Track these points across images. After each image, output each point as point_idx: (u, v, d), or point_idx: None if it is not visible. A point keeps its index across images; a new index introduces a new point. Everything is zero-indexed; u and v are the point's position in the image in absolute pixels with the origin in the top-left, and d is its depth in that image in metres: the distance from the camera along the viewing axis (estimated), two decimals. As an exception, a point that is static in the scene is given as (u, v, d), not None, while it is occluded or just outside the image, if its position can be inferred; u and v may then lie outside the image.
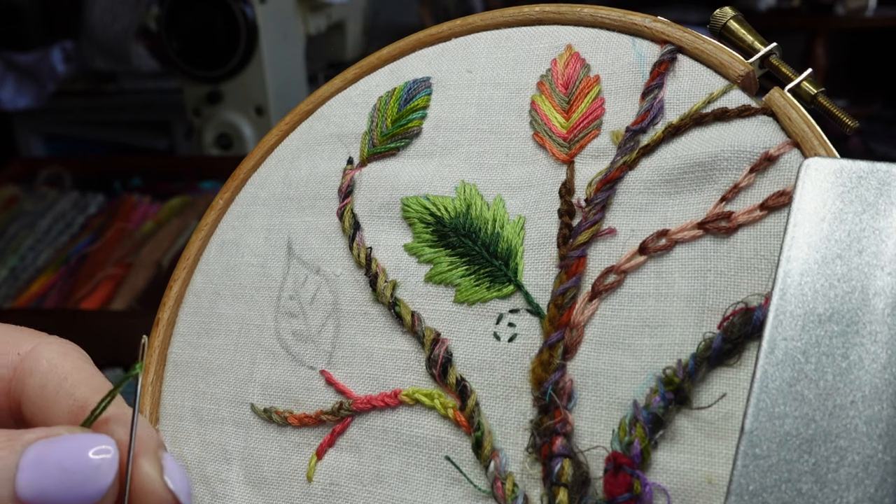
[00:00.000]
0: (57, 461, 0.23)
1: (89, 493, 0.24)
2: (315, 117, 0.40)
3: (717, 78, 0.32)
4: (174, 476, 0.26)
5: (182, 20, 1.28)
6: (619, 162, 0.32)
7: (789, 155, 0.30)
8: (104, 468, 0.24)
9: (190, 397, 0.37)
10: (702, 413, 0.28)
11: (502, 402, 0.31)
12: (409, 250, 0.35)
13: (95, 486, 0.24)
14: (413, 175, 0.36)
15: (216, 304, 0.38)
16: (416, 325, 0.33)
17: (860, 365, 0.24)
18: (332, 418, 0.34)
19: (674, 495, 0.28)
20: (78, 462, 0.24)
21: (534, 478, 0.30)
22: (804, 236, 0.26)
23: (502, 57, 0.36)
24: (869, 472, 0.23)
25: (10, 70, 1.94)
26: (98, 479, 0.24)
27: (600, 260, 0.31)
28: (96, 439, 0.24)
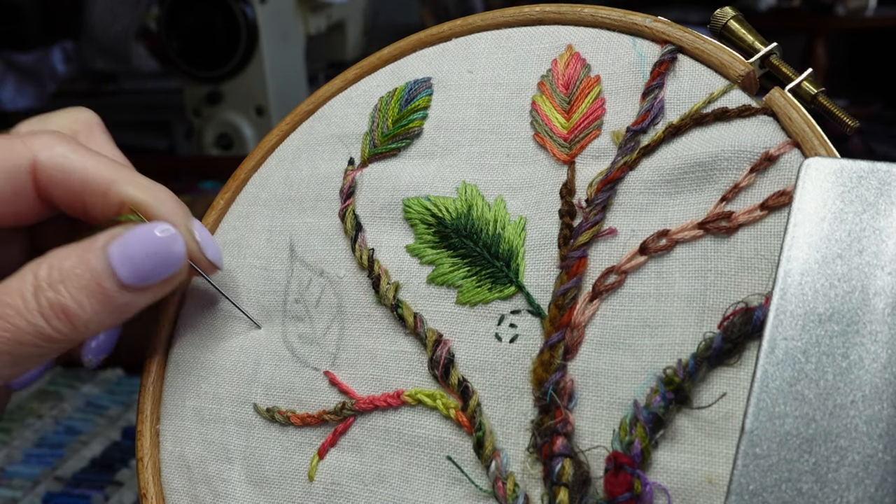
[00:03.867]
0: (139, 250, 0.30)
1: (173, 263, 0.31)
2: (316, 117, 0.40)
3: (718, 78, 0.32)
4: (208, 246, 0.34)
5: (182, 20, 1.28)
6: (619, 162, 0.32)
7: (790, 155, 0.30)
8: (174, 240, 0.31)
9: (192, 397, 0.37)
10: (702, 413, 0.28)
11: (504, 402, 0.31)
12: (411, 251, 0.35)
13: (175, 256, 0.31)
14: (414, 176, 0.36)
15: (218, 305, 0.38)
16: (419, 327, 0.33)
17: (860, 364, 0.24)
18: (334, 418, 0.34)
19: (674, 495, 0.28)
20: (154, 244, 0.30)
21: (535, 477, 0.30)
22: (804, 236, 0.26)
23: (503, 57, 0.36)
24: (869, 472, 0.23)
25: (10, 70, 1.94)
26: (175, 251, 0.31)
27: (601, 260, 0.31)
28: (154, 224, 0.31)
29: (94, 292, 0.29)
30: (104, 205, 0.32)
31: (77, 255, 0.29)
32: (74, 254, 0.29)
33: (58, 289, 0.29)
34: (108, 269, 0.29)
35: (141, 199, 0.32)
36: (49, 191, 0.32)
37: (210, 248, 0.34)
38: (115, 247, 0.29)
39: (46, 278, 0.29)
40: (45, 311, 0.28)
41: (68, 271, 0.29)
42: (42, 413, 0.78)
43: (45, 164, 0.31)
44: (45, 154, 0.31)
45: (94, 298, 0.29)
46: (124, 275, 0.29)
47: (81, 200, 0.32)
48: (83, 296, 0.29)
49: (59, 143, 0.32)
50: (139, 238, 0.30)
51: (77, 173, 0.32)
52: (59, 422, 0.78)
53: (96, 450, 0.74)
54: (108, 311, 0.29)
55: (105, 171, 0.32)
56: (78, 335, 0.29)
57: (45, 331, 0.28)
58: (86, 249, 0.29)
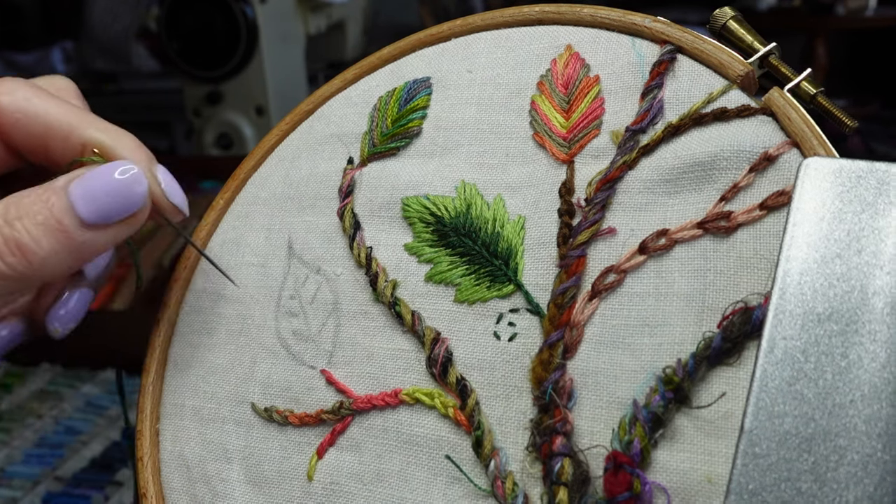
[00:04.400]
0: (100, 187, 0.29)
1: (134, 201, 0.30)
2: (315, 117, 0.40)
3: (717, 78, 0.32)
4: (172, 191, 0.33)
5: (182, 20, 1.28)
6: (618, 162, 0.32)
7: (789, 155, 0.30)
8: (137, 178, 0.30)
9: (190, 396, 0.37)
10: (701, 412, 0.28)
11: (502, 401, 0.31)
12: (409, 250, 0.35)
13: (137, 195, 0.30)
14: (413, 175, 0.36)
15: (217, 304, 0.38)
16: (417, 325, 0.33)
17: (859, 364, 0.24)
18: (332, 417, 0.34)
19: (674, 494, 0.28)
20: (116, 182, 0.30)
21: (534, 477, 0.30)
22: (803, 236, 0.26)
23: (502, 57, 0.36)
24: (868, 471, 0.23)
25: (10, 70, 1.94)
26: (136, 189, 0.30)
27: (600, 259, 0.31)
28: (117, 163, 0.30)
29: (52, 229, 0.28)
30: (66, 148, 0.32)
31: (36, 193, 0.29)
32: (34, 192, 0.29)
33: (14, 224, 0.28)
34: (67, 206, 0.29)
35: (103, 140, 0.31)
36: (11, 135, 0.32)
37: (174, 192, 0.33)
38: (76, 185, 0.29)
39: (3, 215, 0.28)
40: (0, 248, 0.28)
41: (26, 207, 0.28)
42: (42, 413, 0.78)
43: (7, 107, 0.31)
44: (6, 98, 0.31)
45: (52, 235, 0.28)
46: (84, 212, 0.29)
47: (44, 144, 0.32)
48: (40, 232, 0.28)
49: (21, 88, 0.32)
50: (101, 176, 0.29)
51: (39, 116, 0.31)
52: (59, 422, 0.78)
53: (96, 450, 0.74)
54: (66, 250, 0.29)
55: (68, 115, 0.32)
56: (35, 274, 0.29)
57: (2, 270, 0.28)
58: (46, 188, 0.29)
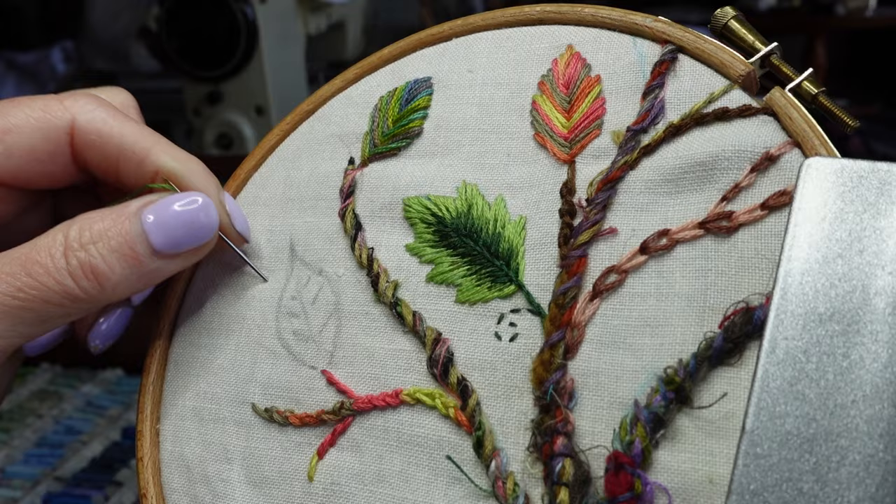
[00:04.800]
0: (173, 217, 0.30)
1: (206, 232, 0.31)
2: (316, 117, 0.40)
3: (718, 78, 0.32)
4: (237, 218, 0.35)
5: (182, 20, 1.28)
6: (620, 162, 0.32)
7: (790, 154, 0.30)
8: (207, 210, 0.31)
9: (191, 397, 0.37)
10: (703, 412, 0.28)
11: (503, 401, 0.31)
12: (410, 250, 0.35)
13: (208, 225, 0.32)
14: (414, 175, 0.36)
15: (217, 304, 0.38)
16: (418, 325, 0.33)
17: (861, 364, 0.24)
18: (333, 418, 0.34)
19: (675, 494, 0.28)
20: (188, 212, 0.31)
21: (535, 477, 0.30)
22: (805, 236, 0.26)
23: (503, 57, 0.36)
24: (870, 472, 0.23)
25: (10, 70, 1.94)
26: (208, 220, 0.31)
27: (601, 259, 0.31)
28: (190, 193, 0.31)
29: (126, 255, 0.29)
30: (138, 173, 0.32)
31: (111, 218, 0.30)
32: (108, 217, 0.30)
33: (89, 249, 0.29)
34: (141, 234, 0.30)
35: (175, 168, 0.32)
36: (85, 154, 0.32)
37: (239, 220, 0.35)
38: (150, 212, 0.30)
39: (77, 238, 0.29)
40: (75, 271, 0.29)
41: (100, 233, 0.29)
42: (42, 413, 0.78)
43: (84, 127, 0.32)
44: (84, 117, 0.32)
45: (125, 261, 0.29)
46: (156, 240, 0.30)
47: (116, 166, 0.32)
48: (114, 258, 0.29)
49: (99, 108, 0.32)
50: (173, 206, 0.30)
51: (114, 138, 0.32)
52: (59, 422, 0.78)
53: (96, 450, 0.74)
54: (137, 276, 0.30)
55: (142, 139, 0.32)
56: (104, 297, 0.30)
57: (73, 291, 0.29)
58: (119, 213, 0.30)
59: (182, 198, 0.31)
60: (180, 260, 0.31)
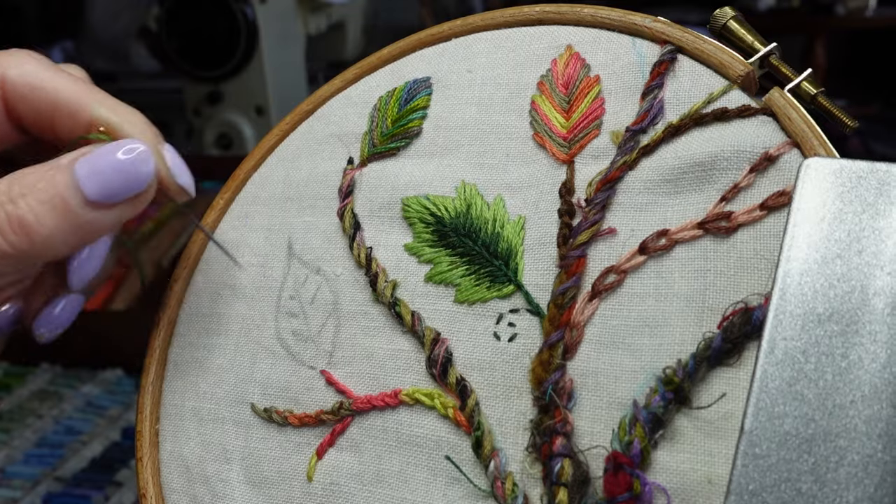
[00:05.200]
0: (106, 165, 0.29)
1: (141, 180, 0.29)
2: (315, 117, 0.40)
3: (717, 78, 0.32)
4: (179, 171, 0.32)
5: (182, 20, 1.28)
6: (619, 162, 0.32)
7: (789, 155, 0.30)
8: (144, 158, 0.29)
9: (190, 397, 0.37)
10: (701, 413, 0.28)
11: (502, 401, 0.31)
12: (409, 250, 0.35)
13: (144, 174, 0.29)
14: (413, 175, 0.36)
15: (217, 304, 0.38)
16: (416, 325, 0.33)
17: (860, 364, 0.24)
18: (332, 418, 0.34)
19: (674, 495, 0.28)
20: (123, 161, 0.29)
21: (534, 477, 0.30)
22: (804, 236, 0.26)
23: (502, 57, 0.36)
24: (868, 472, 0.23)
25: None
26: (144, 168, 0.29)
27: (600, 260, 0.31)
28: (125, 141, 0.30)
29: (57, 206, 0.28)
30: (73, 125, 0.31)
31: (41, 170, 0.28)
32: (38, 169, 0.28)
33: (17, 202, 0.27)
34: (72, 184, 0.28)
35: (111, 118, 0.31)
36: (18, 109, 0.31)
37: (181, 173, 0.32)
38: (82, 163, 0.28)
39: (6, 192, 0.28)
40: (1, 225, 0.27)
41: (30, 184, 0.28)
42: (42, 413, 0.78)
43: (15, 81, 0.31)
44: (15, 70, 0.31)
45: (56, 212, 0.28)
46: (89, 190, 0.28)
47: (50, 119, 0.31)
48: (44, 210, 0.27)
49: (31, 61, 0.31)
50: (107, 154, 0.29)
51: (47, 91, 0.31)
52: (59, 422, 0.78)
53: (96, 450, 0.74)
54: (70, 228, 0.28)
55: (77, 91, 0.31)
56: (37, 251, 0.28)
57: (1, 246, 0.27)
58: (51, 166, 0.28)
59: (116, 146, 0.29)
60: (116, 211, 0.29)
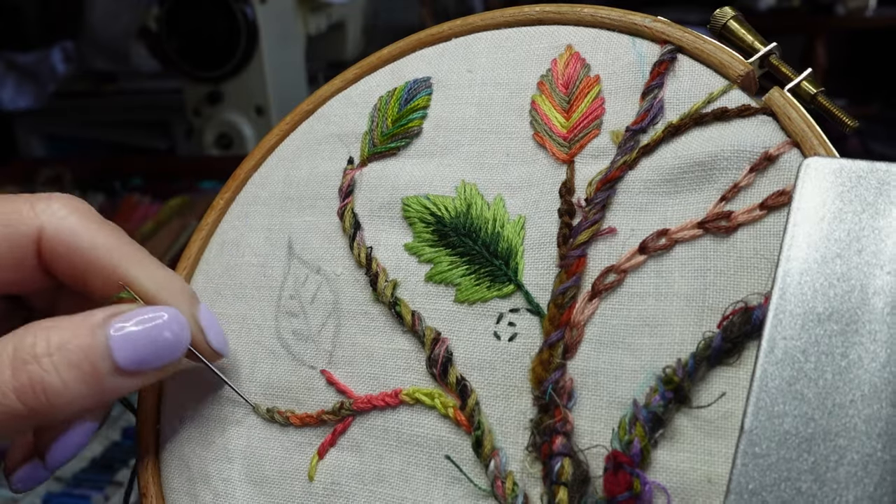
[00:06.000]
0: (141, 333, 0.28)
1: (175, 350, 0.29)
2: (315, 117, 0.40)
3: (717, 78, 0.32)
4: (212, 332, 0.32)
5: (182, 20, 1.28)
6: (619, 161, 0.32)
7: (789, 154, 0.30)
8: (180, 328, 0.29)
9: (191, 396, 0.37)
10: (701, 412, 0.28)
11: (502, 401, 0.31)
12: (409, 250, 0.35)
13: (179, 344, 0.29)
14: (413, 175, 0.36)
15: (217, 304, 0.38)
16: (417, 325, 0.33)
17: (859, 364, 0.24)
18: (333, 418, 0.34)
19: (673, 494, 0.28)
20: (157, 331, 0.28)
21: (534, 476, 0.30)
22: (804, 235, 0.26)
23: (502, 57, 0.36)
24: (868, 471, 0.23)
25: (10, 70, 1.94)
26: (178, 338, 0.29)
27: (600, 259, 0.31)
28: (160, 308, 0.29)
29: (84, 372, 0.26)
30: (107, 283, 0.30)
31: (72, 328, 0.27)
32: (68, 325, 0.27)
33: (41, 361, 0.26)
34: (105, 350, 0.27)
35: (147, 284, 0.30)
36: (52, 262, 0.30)
37: (215, 335, 0.32)
38: (116, 325, 0.27)
39: (31, 348, 0.26)
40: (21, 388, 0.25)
41: (59, 343, 0.26)
42: (42, 413, 0.78)
43: (52, 237, 0.30)
44: (52, 225, 0.30)
45: (83, 378, 0.26)
46: (121, 358, 0.27)
47: (83, 275, 0.30)
48: (71, 375, 0.26)
49: (71, 215, 0.30)
50: (143, 320, 0.28)
51: (83, 249, 0.30)
52: (59, 421, 0.78)
53: (96, 450, 0.74)
54: (93, 394, 0.27)
55: (112, 250, 0.30)
56: (53, 415, 0.27)
57: (16, 409, 0.25)
58: (82, 323, 0.27)
59: (149, 311, 0.28)
60: (141, 379, 0.28)
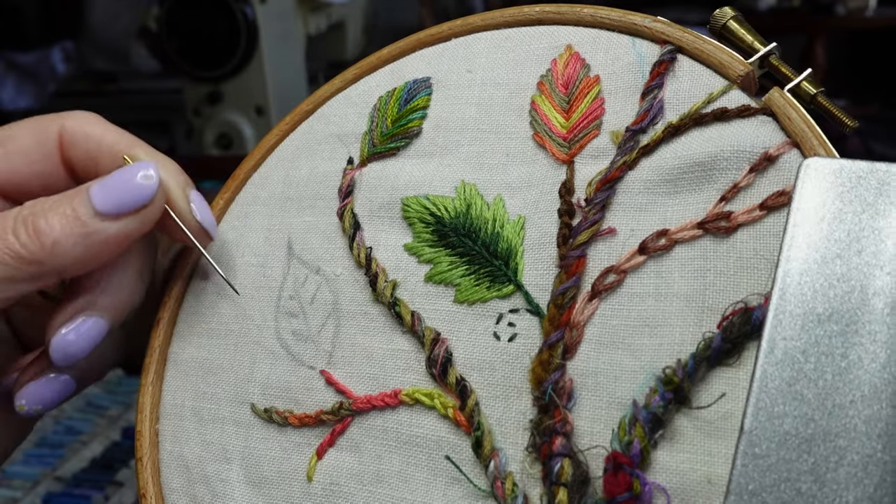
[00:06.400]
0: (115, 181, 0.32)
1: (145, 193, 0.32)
2: (315, 117, 0.40)
3: (717, 78, 0.32)
4: (202, 211, 0.36)
5: (182, 20, 1.28)
6: (618, 162, 0.32)
7: (789, 155, 0.30)
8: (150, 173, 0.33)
9: (190, 397, 0.37)
10: (701, 412, 0.28)
11: (502, 401, 0.31)
12: (409, 250, 0.35)
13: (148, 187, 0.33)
14: (413, 175, 0.36)
15: (217, 304, 0.38)
16: (416, 325, 0.33)
17: (859, 364, 0.24)
18: (332, 418, 0.34)
19: (673, 495, 0.28)
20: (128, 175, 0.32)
21: (533, 477, 0.30)
22: (804, 236, 0.26)
23: (502, 57, 0.36)
24: (868, 472, 0.23)
25: (10, 70, 1.94)
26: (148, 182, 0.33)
27: (600, 260, 0.31)
28: (135, 164, 0.33)
29: (67, 215, 0.31)
30: (113, 165, 0.35)
31: (62, 193, 0.32)
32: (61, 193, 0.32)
33: (34, 210, 0.31)
34: (84, 198, 0.32)
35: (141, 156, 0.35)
36: (70, 153, 0.35)
37: (205, 215, 0.36)
38: (96, 182, 0.32)
39: (30, 206, 0.32)
40: (17, 227, 0.31)
41: (51, 200, 0.32)
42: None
43: (71, 129, 0.35)
44: (71, 121, 0.36)
45: (66, 220, 0.31)
46: (98, 200, 0.32)
47: (95, 162, 0.35)
48: (55, 217, 0.31)
49: (87, 116, 0.36)
50: (118, 173, 0.33)
51: (96, 137, 0.35)
52: (59, 422, 0.78)
53: (96, 450, 0.74)
54: (78, 236, 0.31)
55: (119, 138, 0.35)
56: (46, 255, 0.31)
57: (13, 246, 0.31)
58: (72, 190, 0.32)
59: (128, 167, 0.33)
60: (122, 223, 0.32)
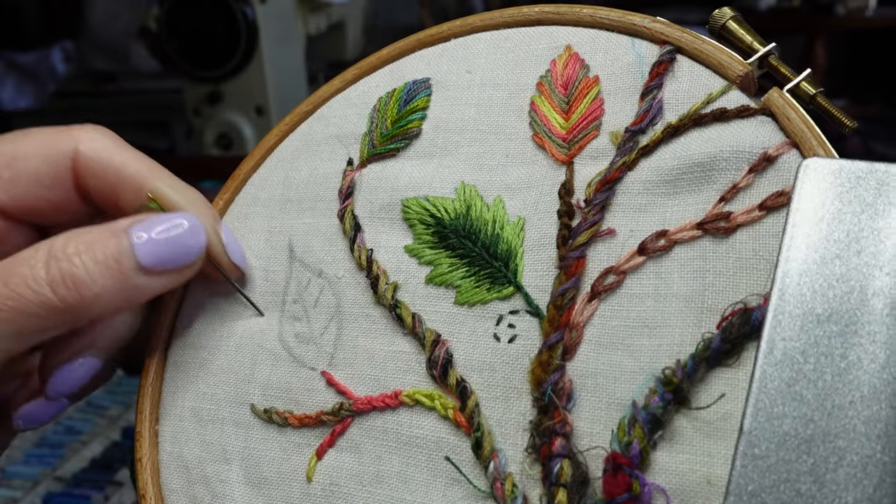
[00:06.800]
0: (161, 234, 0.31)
1: (192, 253, 0.32)
2: (315, 118, 0.40)
3: (716, 78, 0.32)
4: (232, 248, 0.35)
5: (182, 20, 1.28)
6: (618, 162, 0.32)
7: (788, 155, 0.30)
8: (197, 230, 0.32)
9: (190, 397, 0.37)
10: (700, 413, 0.28)
11: (502, 402, 0.31)
12: (409, 252, 0.35)
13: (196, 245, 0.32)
14: (413, 176, 0.36)
15: (218, 305, 0.38)
16: (417, 327, 0.33)
17: (859, 365, 0.24)
18: (332, 419, 0.34)
19: (673, 495, 0.28)
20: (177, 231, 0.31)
21: (533, 478, 0.30)
22: (803, 236, 0.26)
23: (502, 58, 0.36)
24: (867, 473, 0.23)
25: (10, 70, 1.94)
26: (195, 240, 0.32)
27: (600, 261, 0.31)
28: (180, 213, 0.32)
29: (110, 268, 0.29)
30: (136, 199, 0.33)
31: (98, 230, 0.30)
32: (96, 229, 0.30)
33: (72, 259, 0.29)
34: (128, 248, 0.30)
35: (171, 195, 0.33)
36: (86, 181, 0.33)
37: (235, 251, 0.35)
38: (138, 229, 0.30)
39: (62, 248, 0.29)
40: (53, 280, 0.28)
41: (87, 243, 0.29)
42: (42, 413, 0.78)
43: (86, 154, 0.33)
44: (86, 144, 0.33)
45: (109, 274, 0.29)
46: (143, 256, 0.30)
47: (115, 192, 0.33)
48: (98, 269, 0.29)
49: (102, 138, 0.33)
50: (163, 223, 0.31)
51: (114, 166, 0.33)
52: (59, 422, 0.78)
53: (96, 450, 0.74)
54: (119, 290, 0.29)
55: (142, 168, 0.33)
56: (84, 308, 0.29)
57: (50, 300, 0.28)
58: (108, 227, 0.30)
59: (171, 217, 0.31)
60: (165, 278, 0.31)
